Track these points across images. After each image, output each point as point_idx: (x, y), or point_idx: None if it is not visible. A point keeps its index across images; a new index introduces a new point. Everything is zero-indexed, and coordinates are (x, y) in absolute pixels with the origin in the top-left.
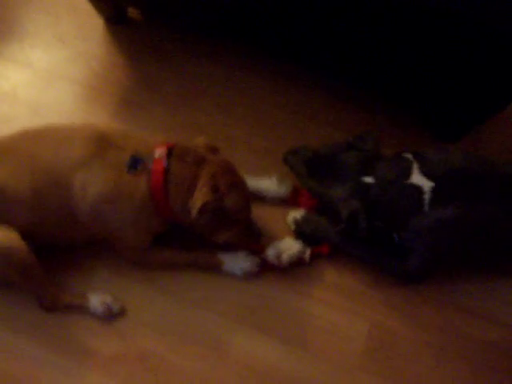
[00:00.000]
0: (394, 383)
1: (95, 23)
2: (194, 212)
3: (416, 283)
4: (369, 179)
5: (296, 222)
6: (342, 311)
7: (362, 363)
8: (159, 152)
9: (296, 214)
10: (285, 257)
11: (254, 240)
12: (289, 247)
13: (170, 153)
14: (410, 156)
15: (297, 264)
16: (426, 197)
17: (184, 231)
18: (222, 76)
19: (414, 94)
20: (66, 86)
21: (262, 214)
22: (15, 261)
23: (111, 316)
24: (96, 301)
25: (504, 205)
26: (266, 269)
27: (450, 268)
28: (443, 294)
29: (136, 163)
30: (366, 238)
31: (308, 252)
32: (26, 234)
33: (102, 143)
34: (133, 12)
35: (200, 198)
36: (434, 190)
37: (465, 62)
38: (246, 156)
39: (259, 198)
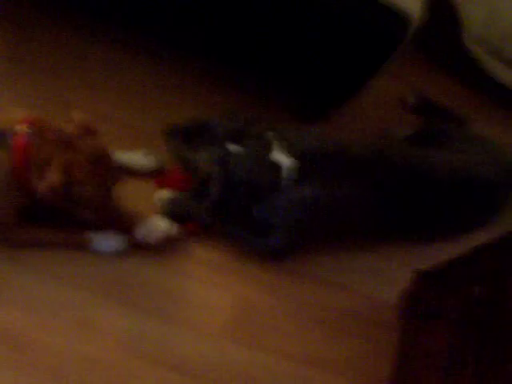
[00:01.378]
0: (257, 350)
1: None
2: (40, 192)
3: (279, 259)
4: (234, 147)
5: (162, 202)
6: (207, 284)
7: (226, 333)
8: (20, 127)
9: (162, 194)
10: (152, 235)
11: (120, 221)
12: (156, 226)
13: (36, 129)
14: (271, 133)
15: (166, 241)
16: (284, 174)
17: (55, 211)
18: (93, 52)
19: (276, 76)
20: None
21: (131, 192)
22: None
23: None
24: None
25: (356, 185)
26: (136, 246)
27: (311, 243)
28: (303, 267)
29: None
30: (223, 207)
31: (175, 230)
32: None
33: None
34: None
35: (48, 179)
36: (291, 168)
37: (317, 47)
38: (113, 131)
39: (128, 172)
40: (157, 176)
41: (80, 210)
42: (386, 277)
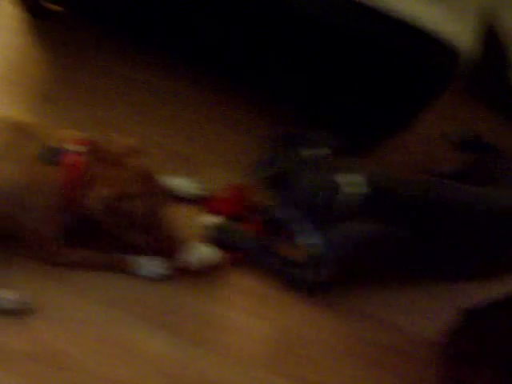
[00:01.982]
0: (296, 382)
1: (14, 13)
2: (90, 205)
3: (318, 293)
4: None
5: (209, 228)
6: (248, 313)
7: (268, 364)
8: (74, 146)
9: (209, 220)
10: (196, 261)
11: (165, 245)
12: (201, 252)
13: (86, 149)
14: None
15: (208, 268)
16: (341, 196)
17: (100, 233)
18: (141, 78)
19: (322, 109)
20: None
21: (175, 217)
22: None
23: (23, 313)
24: (7, 298)
25: (407, 223)
26: (179, 272)
27: (356, 278)
28: (345, 300)
29: (51, 155)
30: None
31: (219, 257)
32: None
33: (17, 133)
34: (54, 5)
35: (100, 192)
36: (350, 193)
37: (366, 80)
38: (158, 157)
39: (173, 197)
40: (206, 200)
41: (129, 231)
42: (427, 313)
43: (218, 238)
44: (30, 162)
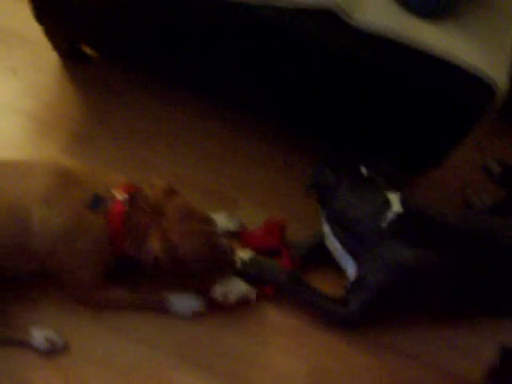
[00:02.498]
0: None
1: (49, 56)
2: (148, 266)
3: (355, 328)
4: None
5: (242, 263)
6: (284, 351)
7: None
8: (120, 194)
9: (243, 255)
10: (232, 296)
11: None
12: (236, 287)
13: (130, 195)
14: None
15: (242, 304)
16: (390, 216)
17: (131, 272)
18: (173, 117)
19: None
20: (17, 118)
21: None
22: None
23: (54, 351)
24: (39, 336)
25: (450, 255)
26: (213, 308)
27: (392, 312)
28: (379, 337)
29: (97, 202)
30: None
31: (254, 292)
32: None
33: (62, 179)
34: (90, 49)
35: (151, 253)
36: (398, 216)
37: (402, 114)
38: (194, 195)
39: None
40: (241, 235)
41: (184, 274)
42: (465, 351)
43: (250, 273)
44: (75, 209)
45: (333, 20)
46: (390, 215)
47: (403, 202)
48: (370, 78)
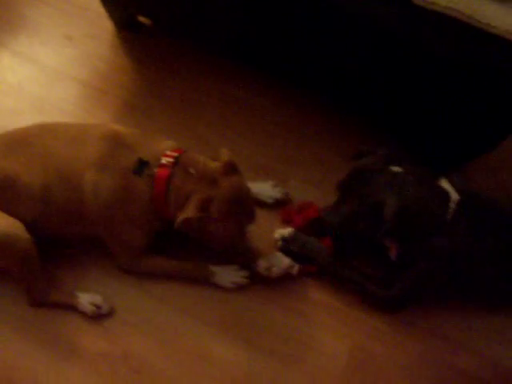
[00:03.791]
0: None
1: (105, 25)
2: (176, 224)
3: (397, 311)
4: (397, 169)
5: (283, 240)
6: (325, 329)
7: (340, 381)
8: (166, 158)
9: (284, 232)
10: (275, 270)
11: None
12: (279, 261)
13: (177, 161)
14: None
15: (284, 278)
16: (451, 207)
17: (178, 240)
18: (226, 92)
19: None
20: (72, 85)
21: (253, 227)
22: (18, 249)
23: (99, 316)
24: (85, 301)
25: (499, 242)
26: (255, 281)
27: (435, 296)
28: (423, 320)
29: (142, 167)
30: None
31: (297, 267)
32: (29, 227)
33: (113, 144)
34: (144, 19)
35: (185, 212)
36: (459, 204)
37: (456, 100)
38: (243, 168)
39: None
40: (283, 209)
41: (212, 244)
42: (508, 341)
43: (292, 250)
44: (124, 174)
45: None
46: (452, 206)
47: (455, 187)
48: (431, 59)
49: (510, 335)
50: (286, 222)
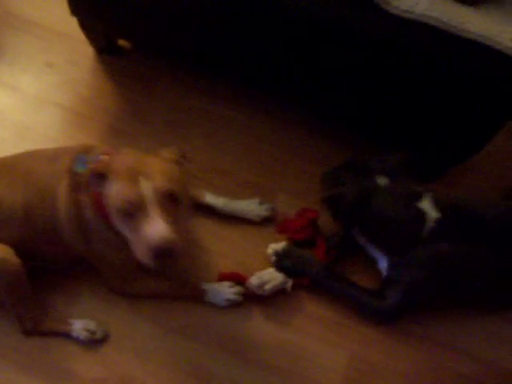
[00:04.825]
0: None
1: (86, 50)
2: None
3: (392, 321)
4: (382, 180)
5: (277, 254)
6: (321, 341)
7: None
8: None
9: (277, 246)
10: (268, 287)
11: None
12: (272, 278)
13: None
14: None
15: (277, 294)
16: (427, 226)
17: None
18: (209, 110)
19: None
20: (55, 111)
21: (244, 244)
22: (7, 275)
23: (94, 342)
24: (79, 327)
25: (494, 248)
26: (249, 298)
27: (429, 304)
28: (420, 328)
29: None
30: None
31: (290, 283)
32: (16, 249)
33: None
34: (124, 42)
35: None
36: (437, 222)
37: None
38: (231, 186)
39: (243, 221)
40: (279, 223)
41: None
42: (509, 343)
43: (285, 265)
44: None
45: (372, 8)
46: (428, 225)
47: (437, 204)
48: (410, 65)
49: (508, 337)
50: (282, 232)
